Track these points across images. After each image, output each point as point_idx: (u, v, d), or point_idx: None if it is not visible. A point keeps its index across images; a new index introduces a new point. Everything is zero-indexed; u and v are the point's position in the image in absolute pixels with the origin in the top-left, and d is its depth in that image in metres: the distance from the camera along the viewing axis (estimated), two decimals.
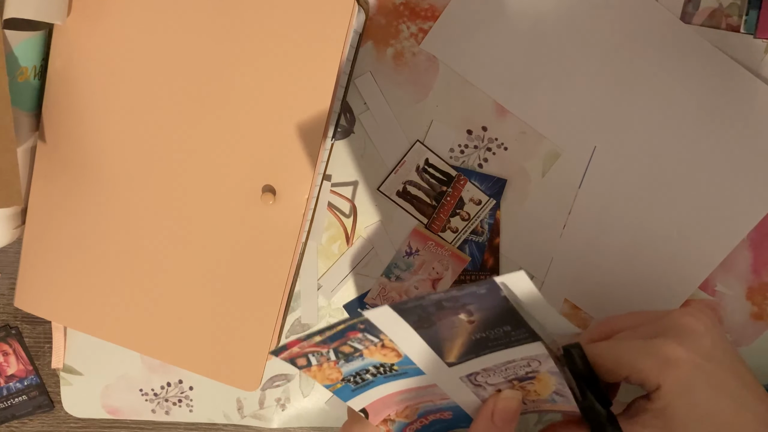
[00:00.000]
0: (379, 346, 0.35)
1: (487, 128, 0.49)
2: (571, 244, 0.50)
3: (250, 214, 0.46)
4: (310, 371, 0.35)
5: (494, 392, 0.39)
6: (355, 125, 0.50)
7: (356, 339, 0.34)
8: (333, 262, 0.52)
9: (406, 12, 0.48)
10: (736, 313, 0.51)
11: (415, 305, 0.32)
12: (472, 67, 0.49)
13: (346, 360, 0.35)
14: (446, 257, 0.51)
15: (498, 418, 0.38)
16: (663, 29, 0.47)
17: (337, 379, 0.36)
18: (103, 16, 0.45)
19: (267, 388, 0.54)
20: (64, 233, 0.49)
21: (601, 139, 0.49)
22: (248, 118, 0.45)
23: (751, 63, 0.47)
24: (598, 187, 0.50)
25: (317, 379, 0.36)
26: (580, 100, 0.49)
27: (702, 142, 0.49)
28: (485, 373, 0.37)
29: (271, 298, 0.47)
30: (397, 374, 0.37)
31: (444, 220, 0.50)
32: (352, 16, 0.42)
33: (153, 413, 0.55)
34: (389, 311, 0.32)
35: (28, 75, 0.45)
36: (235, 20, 0.44)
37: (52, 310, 0.50)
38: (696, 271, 0.50)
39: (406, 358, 0.36)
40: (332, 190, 0.51)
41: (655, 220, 0.49)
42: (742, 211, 0.49)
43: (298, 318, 0.53)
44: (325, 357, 0.35)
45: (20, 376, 0.55)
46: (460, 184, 0.50)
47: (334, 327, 0.33)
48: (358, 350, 0.35)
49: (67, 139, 0.47)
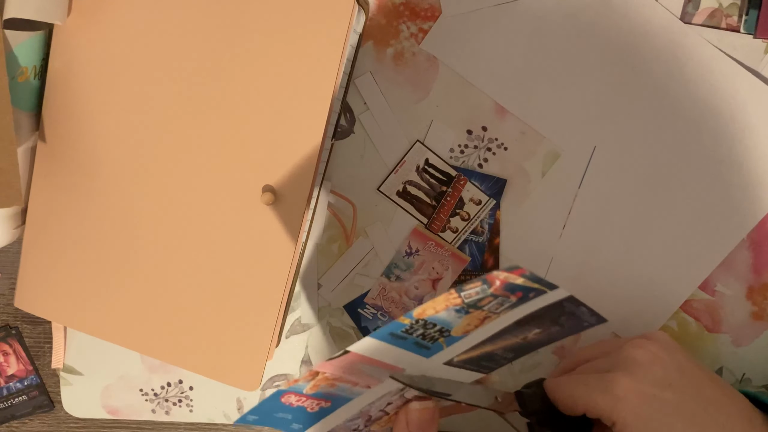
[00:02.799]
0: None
1: (487, 128, 0.49)
2: (571, 244, 0.50)
3: (250, 214, 0.46)
4: None
5: (403, 404, 0.39)
6: (355, 125, 0.50)
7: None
8: (333, 262, 0.52)
9: (406, 12, 0.48)
10: (736, 313, 0.51)
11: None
12: (472, 67, 0.49)
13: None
14: (446, 257, 0.51)
15: (414, 427, 0.39)
16: (663, 29, 0.47)
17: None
18: (103, 16, 0.45)
19: (267, 388, 0.54)
20: (64, 233, 0.49)
21: (601, 139, 0.49)
22: (248, 118, 0.45)
23: (751, 63, 0.47)
24: (598, 187, 0.50)
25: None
26: (580, 100, 0.49)
27: (702, 142, 0.49)
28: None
29: (271, 298, 0.47)
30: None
31: (444, 220, 0.50)
32: (352, 16, 0.42)
33: (153, 413, 0.55)
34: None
35: (28, 75, 0.45)
36: (235, 20, 0.44)
37: (52, 310, 0.50)
38: (696, 271, 0.50)
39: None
40: (332, 190, 0.51)
41: (654, 219, 0.49)
42: (742, 211, 0.49)
43: (298, 318, 0.53)
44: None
45: (20, 376, 0.55)
46: (460, 184, 0.50)
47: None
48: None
49: (67, 139, 0.47)
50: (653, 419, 0.38)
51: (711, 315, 0.51)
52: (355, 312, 0.52)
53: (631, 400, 0.38)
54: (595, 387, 0.40)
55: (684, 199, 0.49)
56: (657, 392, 0.39)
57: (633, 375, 0.39)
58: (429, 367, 0.37)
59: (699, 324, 0.51)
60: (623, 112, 0.49)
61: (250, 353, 0.48)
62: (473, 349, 0.37)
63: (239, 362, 0.48)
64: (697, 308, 0.51)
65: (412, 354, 0.36)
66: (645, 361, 0.40)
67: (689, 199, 0.49)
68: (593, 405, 0.39)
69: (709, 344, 0.51)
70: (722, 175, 0.49)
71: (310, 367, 0.54)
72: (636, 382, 0.39)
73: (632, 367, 0.40)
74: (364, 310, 0.52)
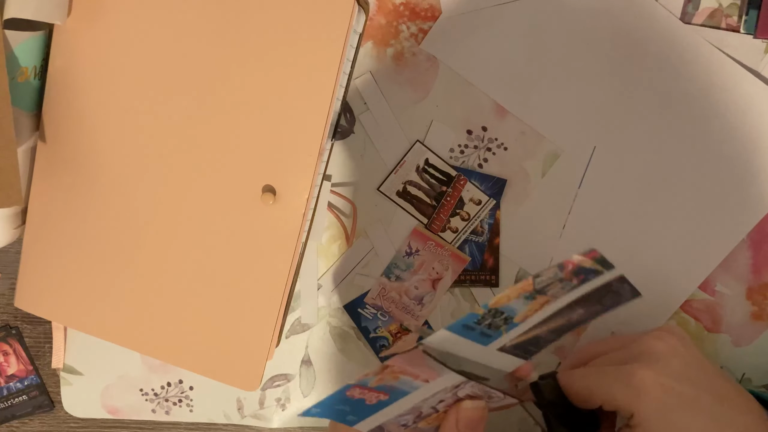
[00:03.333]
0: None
1: (487, 128, 0.49)
2: (571, 244, 0.50)
3: (250, 214, 0.46)
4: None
5: (455, 403, 0.39)
6: (355, 125, 0.50)
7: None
8: (333, 262, 0.52)
9: (406, 12, 0.48)
10: (736, 313, 0.51)
11: None
12: (472, 67, 0.49)
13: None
14: (446, 257, 0.51)
15: (462, 426, 0.38)
16: (663, 29, 0.47)
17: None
18: (103, 16, 0.45)
19: (267, 388, 0.54)
20: (64, 233, 0.49)
21: (601, 139, 0.49)
22: (248, 118, 0.45)
23: (751, 63, 0.47)
24: (598, 187, 0.50)
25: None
26: (580, 100, 0.49)
27: (702, 142, 0.49)
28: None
29: (271, 298, 0.47)
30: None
31: (444, 220, 0.50)
32: (352, 17, 0.42)
33: (153, 413, 0.55)
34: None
35: (28, 75, 0.45)
36: (235, 20, 0.44)
37: (52, 310, 0.50)
38: (696, 271, 0.50)
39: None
40: (332, 190, 0.51)
41: (654, 219, 0.49)
42: (742, 211, 0.49)
43: (298, 318, 0.53)
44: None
45: (20, 376, 0.55)
46: (460, 184, 0.50)
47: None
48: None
49: (67, 139, 0.47)
50: (672, 412, 0.38)
51: (711, 315, 0.51)
52: (355, 312, 0.52)
53: (651, 392, 0.38)
54: (613, 378, 0.39)
55: (684, 198, 0.49)
56: (676, 385, 0.39)
57: (653, 367, 0.39)
58: (483, 354, 0.37)
59: (699, 324, 0.51)
60: (623, 112, 0.49)
61: (250, 353, 0.48)
62: (524, 334, 0.37)
63: (239, 362, 0.48)
64: (697, 308, 0.51)
65: (473, 343, 0.36)
66: (665, 354, 0.40)
67: (689, 199, 0.49)
68: (611, 396, 0.39)
69: (709, 344, 0.51)
70: (722, 175, 0.49)
71: (310, 367, 0.54)
72: (656, 374, 0.39)
73: (652, 359, 0.40)
74: (364, 310, 0.52)
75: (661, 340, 0.41)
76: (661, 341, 0.41)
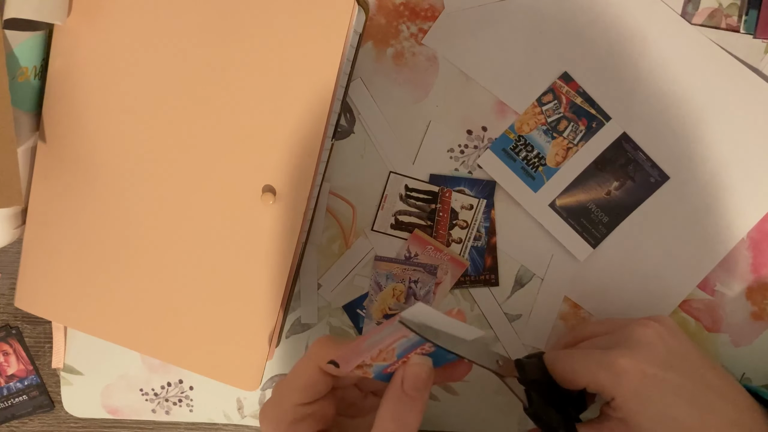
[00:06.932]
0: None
1: (487, 128, 0.49)
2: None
3: (250, 214, 0.46)
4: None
5: (402, 362, 0.37)
6: (355, 125, 0.50)
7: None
8: (333, 262, 0.52)
9: (406, 12, 0.48)
10: (736, 313, 0.51)
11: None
12: (474, 62, 0.49)
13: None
14: (445, 261, 0.51)
15: (408, 386, 0.36)
16: (664, 27, 0.47)
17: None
18: (103, 16, 0.45)
19: (267, 388, 0.54)
20: (64, 233, 0.49)
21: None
22: (248, 118, 0.45)
23: (751, 63, 0.47)
24: None
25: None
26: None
27: (702, 141, 0.48)
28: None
29: (271, 298, 0.47)
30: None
31: (445, 235, 0.50)
32: (352, 16, 0.42)
33: (153, 413, 0.55)
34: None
35: (28, 75, 0.45)
36: (235, 20, 0.44)
37: (52, 310, 0.50)
38: (695, 270, 0.50)
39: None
40: (331, 191, 0.51)
41: (654, 218, 0.49)
42: (741, 211, 0.49)
43: (298, 318, 0.53)
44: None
45: (20, 376, 0.55)
46: (446, 196, 0.50)
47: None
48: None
49: (67, 139, 0.47)
50: (652, 398, 0.39)
51: (710, 315, 0.51)
52: (353, 313, 0.52)
53: (631, 377, 0.39)
54: (598, 362, 0.40)
55: (684, 198, 0.49)
56: (658, 372, 0.39)
57: (636, 353, 0.40)
58: (536, 203, 0.37)
59: (698, 324, 0.51)
60: (623, 112, 0.49)
61: (250, 353, 0.48)
62: (569, 194, 0.38)
63: (239, 362, 0.48)
64: (697, 308, 0.51)
65: (523, 183, 0.37)
66: (649, 341, 0.41)
67: (689, 198, 0.49)
68: (594, 379, 0.40)
69: (709, 344, 0.51)
70: (722, 175, 0.49)
71: None
72: (638, 361, 0.40)
73: (636, 345, 0.41)
74: (363, 311, 0.52)
75: (647, 327, 0.42)
76: (648, 328, 0.42)
